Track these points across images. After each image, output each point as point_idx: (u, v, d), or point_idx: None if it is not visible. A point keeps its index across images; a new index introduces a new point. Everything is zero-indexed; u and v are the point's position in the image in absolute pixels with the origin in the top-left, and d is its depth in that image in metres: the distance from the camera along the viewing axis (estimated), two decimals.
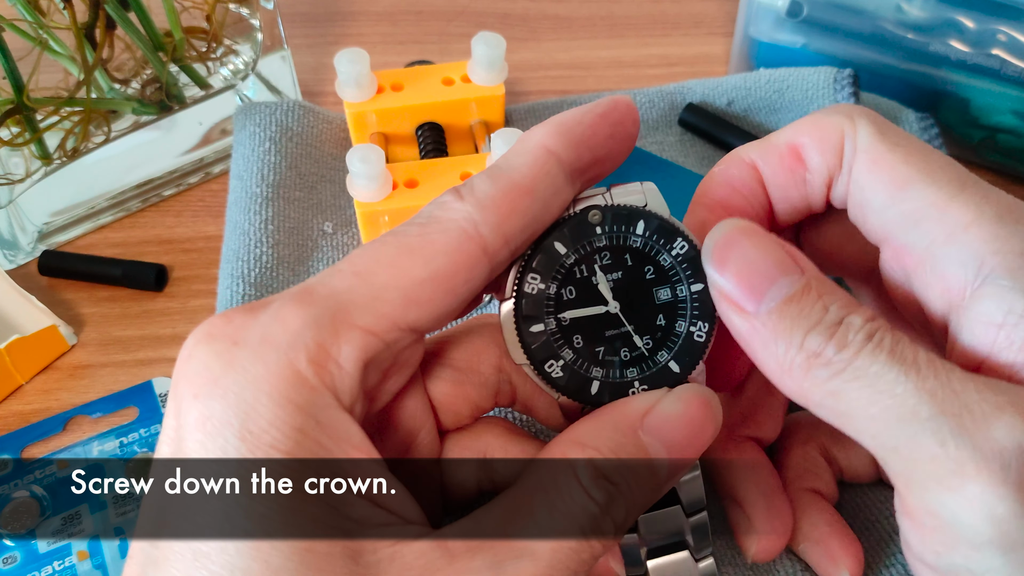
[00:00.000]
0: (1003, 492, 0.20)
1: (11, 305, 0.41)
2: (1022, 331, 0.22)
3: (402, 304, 0.22)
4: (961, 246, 0.22)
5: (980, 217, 0.22)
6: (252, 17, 0.47)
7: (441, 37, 0.57)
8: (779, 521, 0.30)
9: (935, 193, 0.23)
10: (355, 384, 0.22)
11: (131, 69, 0.44)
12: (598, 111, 0.24)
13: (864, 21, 0.47)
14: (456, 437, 0.28)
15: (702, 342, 0.25)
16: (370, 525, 0.21)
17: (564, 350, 0.25)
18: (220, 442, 0.20)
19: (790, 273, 0.23)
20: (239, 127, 0.44)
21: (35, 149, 0.42)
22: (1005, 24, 0.44)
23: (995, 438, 0.20)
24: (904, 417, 0.21)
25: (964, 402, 0.21)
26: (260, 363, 0.21)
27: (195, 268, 0.45)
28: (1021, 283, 0.22)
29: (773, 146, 0.26)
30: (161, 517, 0.21)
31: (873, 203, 0.24)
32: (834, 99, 0.45)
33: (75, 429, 0.39)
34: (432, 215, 0.23)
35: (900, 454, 0.22)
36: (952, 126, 0.48)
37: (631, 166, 0.44)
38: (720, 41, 0.57)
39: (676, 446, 0.23)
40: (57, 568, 0.35)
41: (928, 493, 0.21)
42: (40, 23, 0.40)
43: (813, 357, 0.22)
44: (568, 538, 0.21)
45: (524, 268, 0.25)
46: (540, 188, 0.23)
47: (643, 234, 0.25)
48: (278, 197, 0.42)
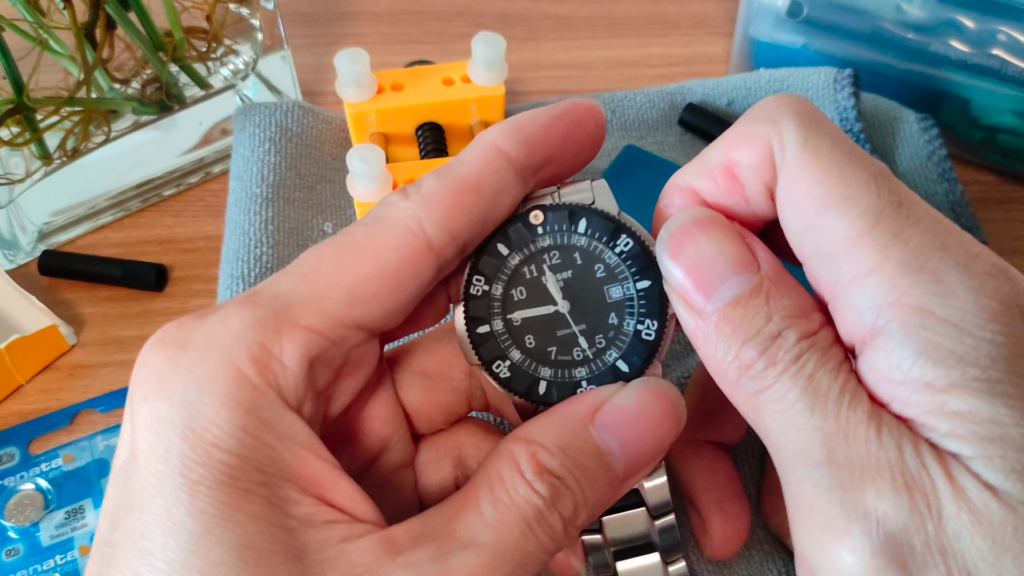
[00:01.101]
0: (860, 556, 0.20)
1: (11, 305, 0.41)
2: (907, 390, 0.21)
3: (346, 302, 0.22)
4: (862, 292, 0.22)
5: (885, 262, 0.21)
6: (252, 17, 0.47)
7: (441, 37, 0.57)
8: (731, 526, 0.30)
9: (848, 226, 0.22)
10: (300, 383, 0.22)
11: (131, 69, 0.44)
12: (555, 112, 0.25)
13: (864, 21, 0.47)
14: (431, 439, 0.28)
15: (651, 340, 0.25)
16: (314, 523, 0.21)
17: (512, 350, 0.25)
18: (164, 441, 0.20)
19: (743, 272, 0.23)
20: (239, 127, 0.44)
21: (35, 149, 0.42)
22: (1005, 24, 0.44)
23: (864, 500, 0.20)
24: (800, 455, 0.21)
25: (851, 454, 0.21)
26: (204, 364, 0.21)
27: (195, 268, 0.45)
28: (912, 341, 0.21)
29: (707, 168, 0.25)
30: (116, 517, 0.21)
31: (791, 225, 0.23)
32: (834, 99, 0.45)
33: (82, 423, 0.39)
34: (378, 215, 0.23)
35: (791, 492, 0.22)
36: (952, 126, 0.48)
37: (631, 166, 0.44)
38: (720, 41, 0.57)
39: (630, 440, 0.23)
40: (59, 562, 0.35)
41: (803, 541, 0.22)
42: (40, 23, 0.40)
43: (744, 368, 0.22)
44: (512, 530, 0.21)
45: (470, 271, 0.25)
46: (487, 185, 0.23)
47: (586, 232, 0.25)
48: (278, 197, 0.42)
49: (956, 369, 0.21)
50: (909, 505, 0.20)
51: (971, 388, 0.20)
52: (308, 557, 0.20)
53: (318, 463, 0.22)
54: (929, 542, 0.20)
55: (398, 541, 0.21)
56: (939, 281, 0.21)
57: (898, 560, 0.20)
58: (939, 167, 0.44)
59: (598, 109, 0.25)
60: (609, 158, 0.46)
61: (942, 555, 0.20)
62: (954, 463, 0.20)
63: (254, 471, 0.21)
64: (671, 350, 0.39)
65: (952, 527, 0.20)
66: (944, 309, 0.21)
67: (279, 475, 0.21)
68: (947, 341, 0.21)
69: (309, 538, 0.21)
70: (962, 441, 0.20)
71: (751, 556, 0.33)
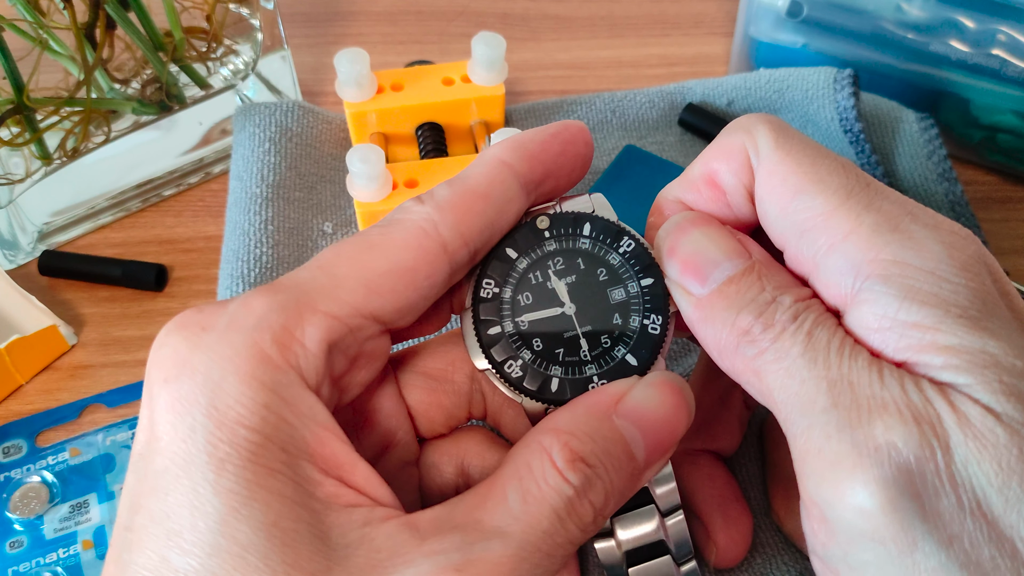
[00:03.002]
0: (873, 489, 0.20)
1: (11, 305, 0.41)
2: (895, 334, 0.22)
3: (363, 293, 0.23)
4: (840, 255, 0.23)
5: (859, 227, 0.23)
6: (252, 17, 0.47)
7: (441, 37, 0.57)
8: (735, 530, 0.31)
9: (822, 203, 0.23)
10: (320, 365, 0.22)
11: (131, 69, 0.44)
12: (549, 131, 0.26)
13: (864, 21, 0.47)
14: (436, 443, 0.29)
15: (657, 334, 0.25)
16: (335, 505, 0.21)
17: (523, 351, 0.25)
18: (188, 420, 0.21)
19: (736, 257, 0.24)
20: (238, 128, 0.44)
21: (35, 149, 0.42)
22: (1005, 24, 0.44)
23: (874, 435, 0.21)
24: (805, 406, 0.22)
25: (856, 396, 0.21)
26: (227, 344, 0.21)
27: (195, 268, 0.45)
28: (894, 288, 0.22)
29: (691, 181, 0.27)
30: (136, 502, 0.21)
31: (770, 213, 0.25)
32: (834, 99, 0.45)
33: (90, 418, 0.39)
34: (394, 218, 0.25)
35: (797, 442, 0.22)
36: (952, 126, 0.48)
37: (631, 166, 0.44)
38: (720, 41, 0.57)
39: (651, 431, 0.24)
40: (62, 556, 0.35)
41: (812, 484, 0.22)
42: (40, 23, 0.40)
43: (742, 334, 0.23)
44: (541, 521, 0.21)
45: (480, 275, 0.26)
46: (495, 194, 0.25)
47: (590, 235, 0.26)
48: (278, 197, 0.42)
49: (939, 308, 0.22)
50: (918, 436, 0.21)
51: (958, 323, 0.21)
52: (332, 540, 0.20)
53: (337, 444, 0.22)
54: (939, 471, 0.20)
55: (422, 528, 0.21)
56: (911, 238, 0.23)
57: (911, 490, 0.20)
58: (939, 167, 0.44)
59: (586, 130, 0.27)
60: (609, 158, 0.46)
61: (952, 484, 0.20)
62: (955, 393, 0.21)
63: (278, 450, 0.21)
64: (670, 351, 0.39)
65: (960, 455, 0.20)
66: (919, 260, 0.22)
67: (301, 455, 0.21)
68: (927, 285, 0.22)
69: (332, 520, 0.21)
70: (958, 371, 0.21)
71: (755, 560, 0.33)
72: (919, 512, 0.20)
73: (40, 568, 0.35)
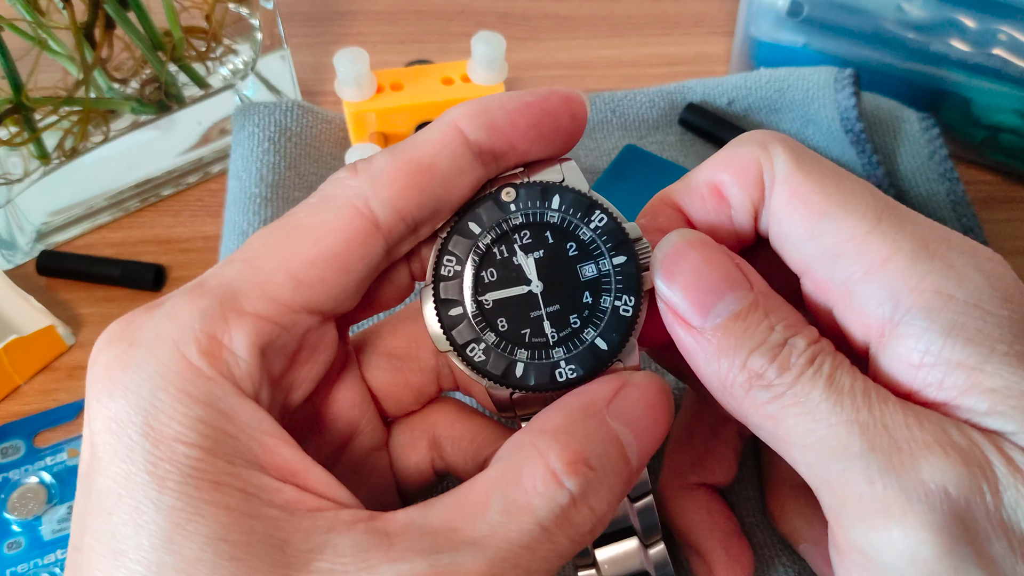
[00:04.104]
0: (926, 535, 0.20)
1: (9, 305, 0.41)
2: (939, 372, 0.21)
3: (292, 286, 0.22)
4: (878, 283, 0.22)
5: (896, 252, 0.22)
6: (252, 17, 0.47)
7: (441, 37, 0.57)
8: (738, 566, 0.30)
9: (852, 227, 0.23)
10: (254, 371, 0.21)
11: (130, 69, 0.44)
12: (526, 98, 0.24)
13: (865, 21, 0.47)
14: (405, 421, 0.28)
15: (629, 316, 0.24)
16: (297, 511, 0.20)
17: (487, 333, 0.24)
18: (125, 440, 0.20)
19: (738, 288, 0.23)
20: (238, 127, 0.44)
21: (33, 149, 0.42)
22: (1006, 24, 0.44)
23: (922, 479, 0.20)
24: (836, 450, 0.21)
25: (894, 438, 0.21)
26: (155, 360, 0.21)
27: (193, 268, 0.45)
28: (938, 324, 0.21)
29: (693, 187, 0.26)
30: (84, 522, 0.21)
31: (791, 236, 0.24)
32: (835, 99, 0.45)
33: None
34: (324, 192, 0.23)
35: (831, 488, 0.21)
36: (954, 126, 0.48)
37: (631, 165, 0.44)
38: (720, 40, 0.57)
39: (642, 431, 0.23)
40: (60, 557, 0.35)
41: (855, 531, 0.21)
42: (39, 22, 0.39)
43: (755, 378, 0.22)
44: (522, 534, 0.20)
45: (440, 251, 0.24)
46: (441, 165, 0.23)
47: (559, 208, 0.24)
48: (277, 197, 0.42)
49: (984, 346, 0.21)
50: (969, 478, 0.20)
51: (1003, 364, 0.21)
52: (292, 547, 0.20)
53: (286, 450, 0.21)
54: (989, 516, 0.20)
55: (392, 532, 0.20)
56: (951, 266, 0.22)
57: (965, 536, 0.20)
58: (940, 167, 0.44)
59: (578, 101, 0.24)
60: (609, 158, 0.46)
61: (1003, 529, 0.20)
62: (1000, 439, 0.21)
63: (222, 462, 0.20)
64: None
65: (1009, 499, 0.20)
66: (962, 291, 0.21)
67: (249, 464, 0.20)
68: (971, 321, 0.21)
69: (294, 527, 0.20)
70: (1004, 418, 0.21)
71: None
72: (973, 558, 0.20)
73: (38, 569, 0.34)
